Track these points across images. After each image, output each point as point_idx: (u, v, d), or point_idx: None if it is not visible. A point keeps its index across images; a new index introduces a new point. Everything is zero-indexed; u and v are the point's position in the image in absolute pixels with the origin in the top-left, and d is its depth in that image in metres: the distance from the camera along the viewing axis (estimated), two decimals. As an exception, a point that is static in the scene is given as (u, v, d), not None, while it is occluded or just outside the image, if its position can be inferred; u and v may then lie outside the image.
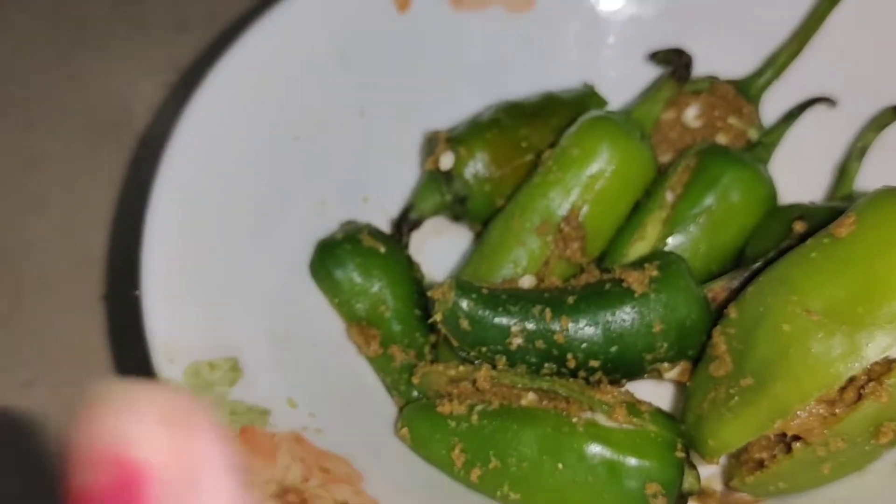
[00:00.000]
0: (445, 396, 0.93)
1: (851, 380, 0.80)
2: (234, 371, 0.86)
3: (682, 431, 0.89)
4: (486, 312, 0.91)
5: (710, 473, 0.95)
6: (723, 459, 0.92)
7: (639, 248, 1.01)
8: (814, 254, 0.83)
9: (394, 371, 0.98)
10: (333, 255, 1.00)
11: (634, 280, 0.91)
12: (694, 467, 0.89)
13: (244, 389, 0.85)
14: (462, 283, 0.92)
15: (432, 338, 1.00)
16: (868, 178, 1.02)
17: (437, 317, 0.92)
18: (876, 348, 0.78)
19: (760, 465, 0.86)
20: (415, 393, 0.97)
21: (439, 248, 1.12)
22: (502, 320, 0.90)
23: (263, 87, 1.03)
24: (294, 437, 0.83)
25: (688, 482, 0.88)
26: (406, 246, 1.08)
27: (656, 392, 1.00)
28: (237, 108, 1.00)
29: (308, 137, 1.05)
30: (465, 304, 0.90)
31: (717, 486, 0.95)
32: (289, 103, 1.05)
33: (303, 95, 1.06)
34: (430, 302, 0.93)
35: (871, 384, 0.78)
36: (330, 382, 0.94)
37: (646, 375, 0.94)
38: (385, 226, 1.10)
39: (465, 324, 0.90)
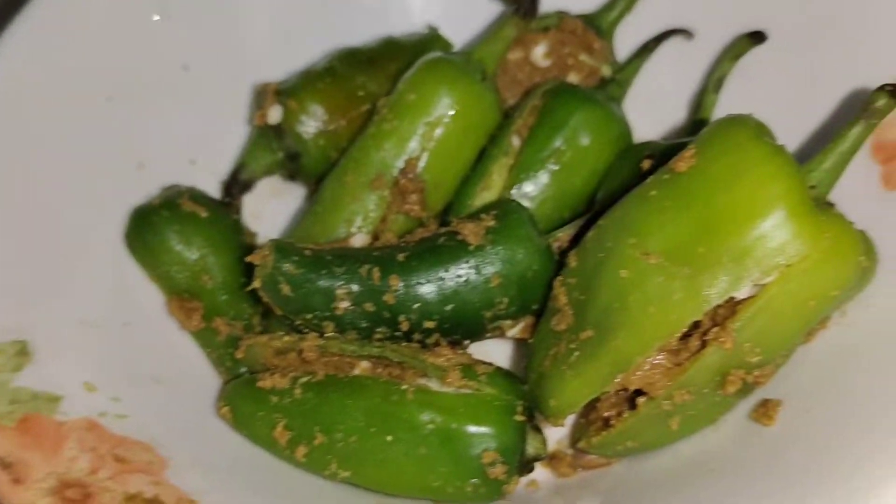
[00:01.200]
0: (270, 370, 0.84)
1: (697, 326, 0.73)
2: (22, 355, 0.77)
3: (525, 393, 0.81)
4: (309, 275, 0.82)
5: (563, 436, 0.88)
6: (572, 420, 0.86)
7: (485, 197, 0.93)
8: (653, 192, 0.76)
9: (219, 345, 0.90)
10: (149, 222, 0.91)
11: (469, 232, 0.83)
12: (539, 431, 0.82)
13: (32, 375, 0.76)
14: (282, 245, 0.83)
15: (261, 308, 0.91)
16: (726, 111, 0.95)
17: (257, 283, 0.83)
18: (717, 290, 0.71)
19: (607, 423, 0.79)
20: (242, 369, 0.89)
21: (278, 211, 1.04)
22: (326, 283, 0.82)
23: (67, 42, 0.92)
24: (87, 425, 0.74)
25: (532, 447, 0.81)
26: (237, 210, 1.00)
27: (504, 352, 0.93)
28: (36, 66, 0.90)
29: (123, 96, 0.95)
30: (285, 267, 0.82)
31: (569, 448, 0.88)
32: (99, 60, 0.94)
33: (116, 50, 0.95)
34: (252, 269, 0.84)
35: (715, 330, 0.72)
36: (142, 362, 0.85)
37: (488, 335, 0.87)
38: (216, 189, 1.01)
39: (286, 289, 0.82)
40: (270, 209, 1.03)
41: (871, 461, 0.68)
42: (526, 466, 0.82)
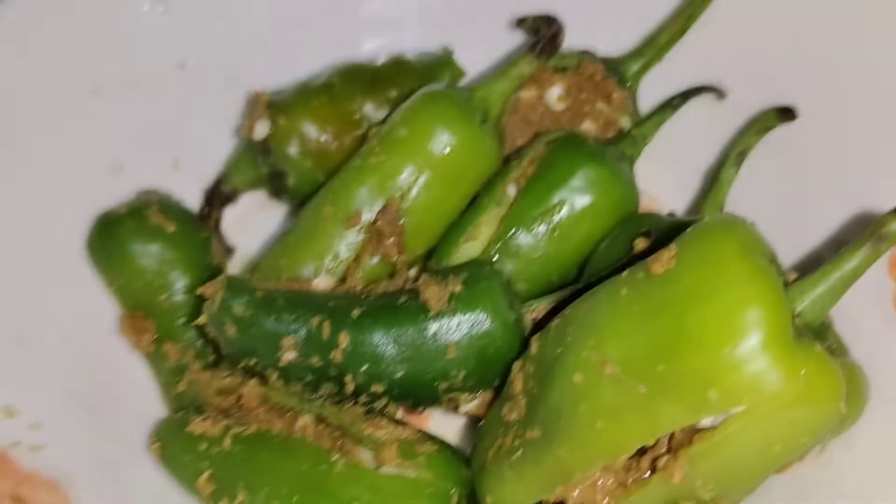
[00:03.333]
0: (205, 412, 0.80)
1: (651, 446, 0.66)
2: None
3: (466, 479, 0.76)
4: (257, 318, 0.77)
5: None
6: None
7: (469, 249, 0.86)
8: (624, 290, 0.68)
9: (167, 372, 0.86)
10: (112, 232, 0.87)
11: (431, 295, 0.77)
12: (477, 522, 0.76)
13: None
14: (234, 281, 0.78)
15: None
16: (745, 189, 0.87)
17: (203, 319, 0.79)
18: (672, 418, 0.64)
19: (546, 530, 0.73)
20: (188, 400, 0.84)
21: (264, 225, 0.99)
22: (273, 329, 0.77)
23: (53, 27, 0.87)
24: (-3, 456, 0.71)
25: (467, 538, 0.76)
26: (216, 222, 0.95)
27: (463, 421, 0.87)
28: (14, 49, 0.85)
29: (110, 90, 0.91)
30: (234, 306, 0.77)
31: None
32: (86, 49, 0.89)
33: (106, 40, 0.90)
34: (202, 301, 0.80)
35: (666, 458, 0.64)
36: (79, 386, 0.81)
37: (442, 405, 0.81)
38: (197, 198, 0.96)
39: (232, 330, 0.77)
40: (256, 223, 0.98)
41: None
42: (457, 557, 0.76)
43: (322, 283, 0.84)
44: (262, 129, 0.91)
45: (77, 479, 0.73)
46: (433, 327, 0.77)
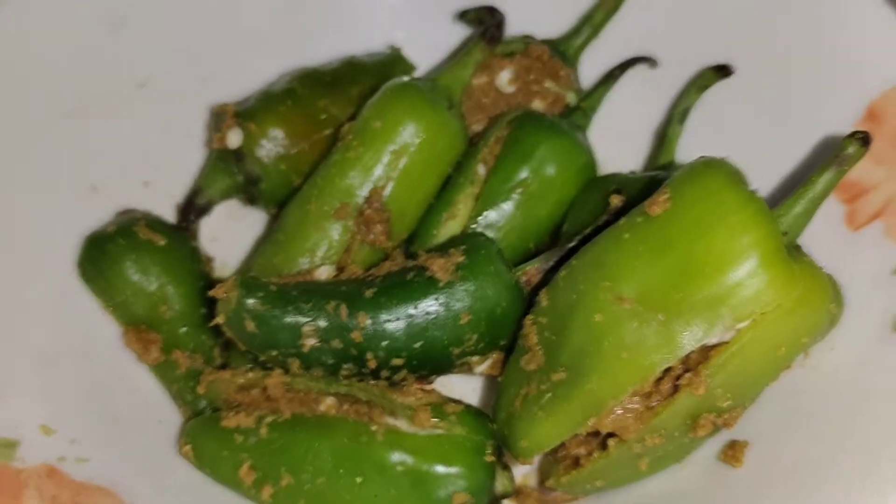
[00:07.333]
0: (234, 407, 0.82)
1: (668, 370, 0.73)
2: (-25, 399, 0.74)
3: (494, 431, 0.81)
4: (275, 312, 0.80)
5: (527, 470, 0.88)
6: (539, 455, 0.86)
7: (450, 227, 0.92)
8: (627, 235, 0.76)
9: (178, 379, 0.87)
10: (104, 251, 0.88)
11: (439, 268, 0.82)
12: (507, 468, 0.82)
13: (-14, 419, 0.73)
14: (247, 279, 0.81)
15: (222, 339, 0.89)
16: (691, 144, 0.96)
17: (220, 319, 0.81)
18: (691, 337, 0.71)
19: (577, 462, 0.79)
20: (203, 403, 0.87)
21: (236, 235, 1.01)
22: (293, 319, 0.80)
23: (18, 55, 0.88)
24: (47, 471, 0.72)
25: (501, 485, 0.81)
26: (194, 235, 0.97)
27: (469, 385, 0.92)
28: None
29: (78, 114, 0.92)
30: (250, 303, 0.80)
31: (535, 483, 0.88)
32: (52, 76, 0.91)
33: (69, 66, 0.92)
34: (213, 302, 0.82)
35: (688, 375, 0.72)
36: (100, 400, 0.82)
37: (455, 370, 0.86)
38: (170, 213, 0.98)
39: (251, 326, 0.80)
40: (228, 233, 1.01)
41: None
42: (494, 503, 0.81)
43: (324, 273, 0.87)
44: (235, 138, 0.94)
45: (124, 485, 0.75)
46: (445, 297, 0.82)
